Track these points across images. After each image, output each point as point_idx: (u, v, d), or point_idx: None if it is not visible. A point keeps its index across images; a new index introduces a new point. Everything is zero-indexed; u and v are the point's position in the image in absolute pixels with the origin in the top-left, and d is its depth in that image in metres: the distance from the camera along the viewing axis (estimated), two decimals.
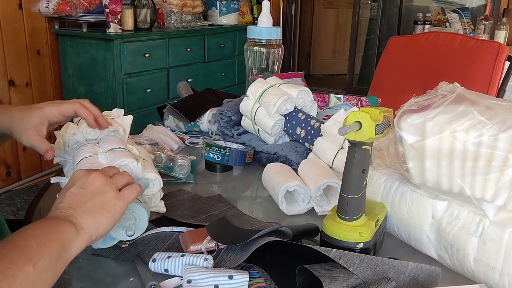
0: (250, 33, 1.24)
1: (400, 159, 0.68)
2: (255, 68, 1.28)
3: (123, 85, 2.62)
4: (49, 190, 0.90)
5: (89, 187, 0.58)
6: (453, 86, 0.67)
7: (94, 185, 0.58)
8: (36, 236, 0.50)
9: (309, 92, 1.11)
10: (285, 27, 4.51)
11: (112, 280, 0.63)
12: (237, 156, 1.01)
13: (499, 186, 0.59)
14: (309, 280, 0.57)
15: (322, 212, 0.83)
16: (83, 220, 0.55)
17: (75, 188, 0.58)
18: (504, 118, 0.59)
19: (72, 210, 0.55)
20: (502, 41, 3.10)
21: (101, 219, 0.57)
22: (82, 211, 0.56)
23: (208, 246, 0.67)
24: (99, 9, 2.64)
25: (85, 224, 0.55)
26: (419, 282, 0.58)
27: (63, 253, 0.51)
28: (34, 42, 2.68)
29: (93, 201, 0.57)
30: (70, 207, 0.56)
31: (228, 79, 3.51)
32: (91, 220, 0.56)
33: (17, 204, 2.54)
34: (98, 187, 0.58)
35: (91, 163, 0.68)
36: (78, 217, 0.55)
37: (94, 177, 0.59)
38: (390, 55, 1.91)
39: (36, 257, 0.48)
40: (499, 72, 1.59)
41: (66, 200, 0.57)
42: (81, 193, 0.57)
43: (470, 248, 0.62)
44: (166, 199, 0.81)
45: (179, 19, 3.03)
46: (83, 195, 0.57)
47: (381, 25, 4.21)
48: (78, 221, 0.55)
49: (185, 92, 1.38)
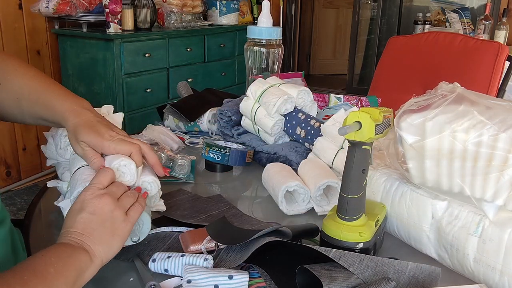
0: (250, 33, 1.24)
1: (400, 159, 0.68)
2: (255, 68, 1.28)
3: (123, 85, 2.62)
4: (49, 190, 0.90)
5: (100, 214, 0.59)
6: (453, 86, 0.67)
7: (104, 211, 0.59)
8: (54, 263, 0.51)
9: (309, 92, 1.11)
10: (285, 27, 4.51)
11: (112, 280, 0.63)
12: (237, 156, 1.01)
13: (499, 186, 0.59)
14: (309, 280, 0.57)
15: (322, 212, 0.83)
16: (96, 247, 0.57)
17: (85, 213, 0.58)
18: (504, 118, 0.59)
19: (85, 237, 0.57)
20: (502, 41, 3.10)
21: (112, 244, 0.58)
22: (94, 239, 0.57)
23: (208, 246, 0.67)
24: (99, 9, 2.65)
25: (98, 251, 0.57)
26: (419, 282, 0.58)
27: (78, 280, 0.53)
28: (34, 42, 2.68)
29: (104, 227, 0.58)
30: (83, 234, 0.57)
31: (228, 79, 3.51)
32: (103, 247, 0.57)
33: (17, 204, 2.54)
34: (108, 213, 0.59)
35: (88, 174, 0.67)
36: (92, 245, 0.56)
37: (104, 202, 0.59)
38: (390, 55, 1.91)
39: (55, 284, 0.50)
40: (499, 72, 1.60)
41: (78, 226, 0.57)
42: (92, 219, 0.58)
43: (470, 248, 0.62)
44: (166, 199, 0.81)
45: (179, 19, 3.03)
46: (94, 221, 0.58)
47: (381, 25, 4.21)
48: (92, 249, 0.56)
49: (185, 92, 1.38)
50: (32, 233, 0.75)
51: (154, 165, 0.70)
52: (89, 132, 0.67)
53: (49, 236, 0.77)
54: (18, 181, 2.73)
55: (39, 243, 0.73)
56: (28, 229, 0.76)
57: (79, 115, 0.69)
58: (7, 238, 0.68)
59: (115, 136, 0.67)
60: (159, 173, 0.71)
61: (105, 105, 0.84)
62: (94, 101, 0.77)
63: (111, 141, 0.66)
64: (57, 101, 0.71)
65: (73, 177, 0.70)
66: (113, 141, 0.66)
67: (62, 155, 0.79)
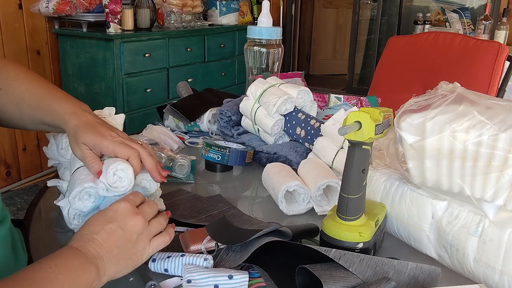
0: (250, 33, 1.24)
1: (400, 159, 0.68)
2: (255, 68, 1.28)
3: (123, 85, 2.62)
4: (48, 190, 0.90)
5: (128, 232, 0.58)
6: (453, 86, 0.68)
7: (133, 231, 0.59)
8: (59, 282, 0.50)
9: (309, 92, 1.11)
10: (285, 27, 4.51)
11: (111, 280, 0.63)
12: (237, 156, 1.01)
13: (499, 186, 0.59)
14: (309, 280, 0.57)
15: (322, 212, 0.83)
16: (109, 267, 0.56)
17: (115, 226, 0.58)
18: (504, 118, 0.59)
19: (103, 251, 0.56)
20: (502, 41, 3.10)
21: (124, 268, 0.58)
22: (111, 256, 0.56)
23: (208, 246, 0.67)
24: (99, 9, 2.65)
25: (109, 270, 0.56)
26: (419, 282, 0.58)
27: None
28: (34, 42, 2.68)
29: (125, 248, 0.58)
30: (103, 246, 0.56)
31: (228, 79, 3.51)
32: (115, 268, 0.57)
33: (17, 204, 2.54)
34: (134, 235, 0.59)
35: (86, 174, 0.67)
36: (106, 263, 0.56)
37: (136, 222, 0.59)
38: (390, 55, 1.91)
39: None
40: (499, 72, 1.60)
41: (102, 234, 0.57)
42: (119, 235, 0.57)
43: (470, 248, 0.62)
44: (166, 199, 0.81)
45: (179, 19, 3.03)
46: (119, 237, 0.57)
47: (381, 25, 4.21)
48: (104, 267, 0.55)
49: (185, 92, 1.38)
50: (32, 233, 0.75)
51: (151, 171, 0.69)
52: (89, 132, 0.66)
53: (49, 236, 0.77)
54: (18, 181, 2.73)
55: (39, 243, 0.73)
56: (28, 229, 0.76)
57: (79, 117, 0.69)
58: (7, 238, 0.68)
59: (115, 137, 0.67)
60: (156, 179, 0.70)
61: (106, 106, 0.84)
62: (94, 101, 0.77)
63: (110, 142, 0.66)
64: (57, 104, 0.71)
65: (72, 177, 0.71)
66: (112, 142, 0.66)
67: (63, 155, 0.80)
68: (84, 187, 0.64)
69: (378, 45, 4.18)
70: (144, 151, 0.68)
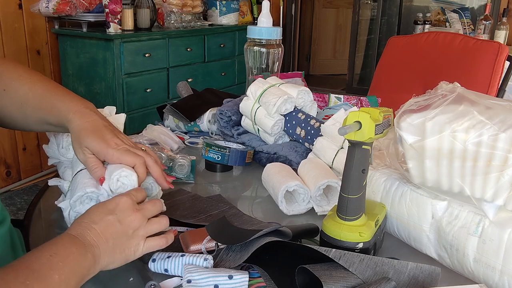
0: (250, 33, 1.24)
1: (400, 159, 0.68)
2: (255, 68, 1.28)
3: (123, 85, 2.62)
4: (49, 190, 0.90)
5: (125, 226, 0.59)
6: (453, 86, 0.68)
7: (130, 226, 0.59)
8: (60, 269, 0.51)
9: (309, 92, 1.11)
10: (285, 27, 4.51)
11: (111, 279, 0.63)
12: (237, 156, 1.01)
13: (499, 186, 0.59)
14: (309, 280, 0.57)
15: (322, 212, 0.83)
16: (103, 256, 0.56)
17: (113, 218, 0.58)
18: (504, 118, 0.59)
19: (100, 241, 0.56)
20: (502, 41, 3.10)
21: (116, 260, 0.58)
22: (107, 248, 0.57)
23: (208, 246, 0.67)
24: (99, 9, 2.65)
25: (102, 260, 0.57)
26: (419, 282, 0.58)
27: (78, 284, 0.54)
28: (34, 42, 2.68)
29: (120, 240, 0.58)
30: (100, 236, 0.56)
31: (228, 79, 3.51)
32: (108, 258, 0.57)
33: (17, 204, 2.54)
34: (131, 229, 0.59)
35: (89, 179, 0.67)
36: (101, 253, 0.56)
37: (134, 218, 0.59)
38: (390, 55, 1.91)
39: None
40: (499, 72, 1.60)
41: (100, 225, 0.57)
42: (116, 228, 0.58)
43: (470, 248, 0.62)
44: (166, 199, 0.81)
45: (179, 19, 3.03)
46: (117, 230, 0.58)
47: (381, 25, 4.21)
48: (99, 256, 0.56)
49: (185, 92, 1.38)
50: (32, 233, 0.75)
51: (157, 179, 0.69)
52: (94, 137, 0.66)
53: (49, 236, 0.77)
54: (18, 181, 2.73)
55: (39, 243, 0.72)
56: (28, 229, 0.76)
57: (83, 116, 0.68)
58: (7, 238, 0.68)
59: (120, 145, 0.66)
60: (163, 186, 0.70)
61: (107, 106, 0.83)
62: (94, 101, 0.77)
63: (115, 150, 0.65)
64: (61, 103, 0.70)
65: (74, 179, 0.70)
66: (117, 150, 0.65)
67: (63, 154, 0.80)
68: (86, 191, 0.64)
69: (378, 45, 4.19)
70: (149, 159, 0.68)
